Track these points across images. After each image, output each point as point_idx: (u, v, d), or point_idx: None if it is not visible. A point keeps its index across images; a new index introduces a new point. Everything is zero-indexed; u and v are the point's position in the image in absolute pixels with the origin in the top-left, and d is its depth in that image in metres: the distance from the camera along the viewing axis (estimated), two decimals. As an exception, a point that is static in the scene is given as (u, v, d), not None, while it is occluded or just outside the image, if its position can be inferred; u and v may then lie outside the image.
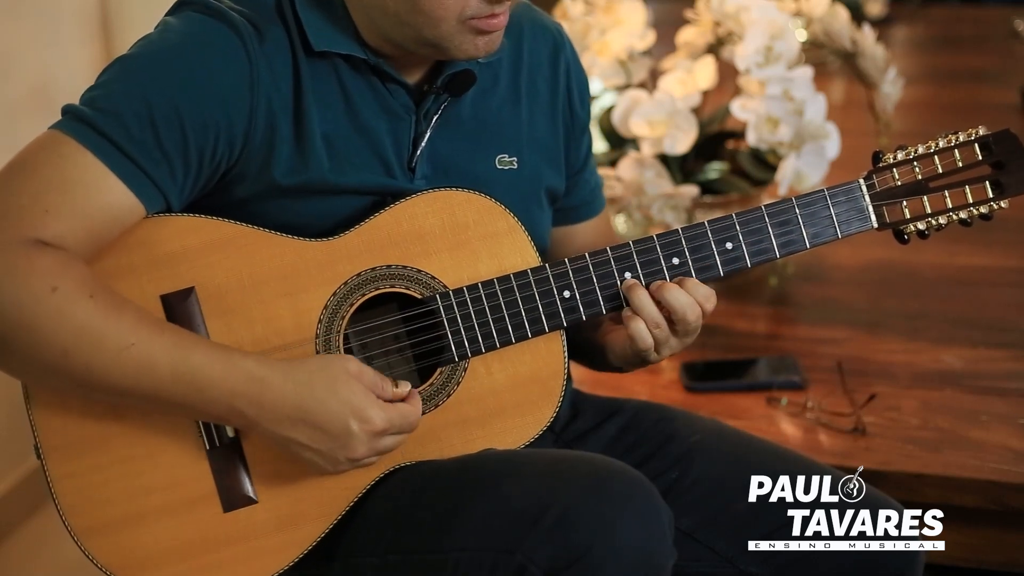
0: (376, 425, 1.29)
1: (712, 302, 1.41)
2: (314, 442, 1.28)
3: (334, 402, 1.27)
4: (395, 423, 1.30)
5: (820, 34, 2.54)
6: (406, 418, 1.31)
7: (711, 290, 1.41)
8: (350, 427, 1.28)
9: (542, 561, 1.23)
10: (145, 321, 1.25)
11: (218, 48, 1.31)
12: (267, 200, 1.36)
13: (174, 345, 1.25)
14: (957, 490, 1.79)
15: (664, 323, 1.39)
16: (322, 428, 1.28)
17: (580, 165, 1.59)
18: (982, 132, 1.44)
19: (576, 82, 1.55)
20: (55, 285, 1.21)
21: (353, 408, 1.28)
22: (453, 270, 1.39)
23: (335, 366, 1.29)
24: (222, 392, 1.26)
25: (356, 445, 1.29)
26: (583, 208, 1.61)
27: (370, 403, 1.29)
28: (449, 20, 1.30)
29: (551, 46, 1.53)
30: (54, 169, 1.25)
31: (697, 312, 1.39)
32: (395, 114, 1.40)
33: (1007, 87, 3.74)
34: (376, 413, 1.29)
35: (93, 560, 1.32)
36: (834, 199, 1.44)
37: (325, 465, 1.30)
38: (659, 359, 1.43)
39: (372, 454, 1.31)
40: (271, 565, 1.35)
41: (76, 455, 1.31)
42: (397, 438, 1.32)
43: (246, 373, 1.26)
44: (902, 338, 2.21)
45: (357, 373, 1.29)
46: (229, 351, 1.28)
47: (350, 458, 1.30)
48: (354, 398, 1.28)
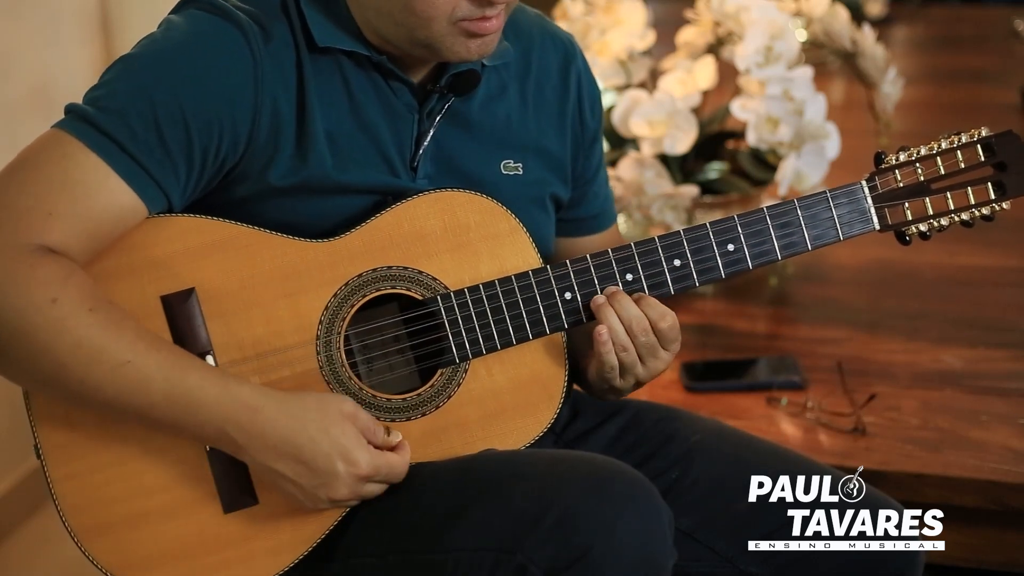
0: (362, 469, 1.29)
1: (667, 322, 1.39)
2: (298, 477, 1.28)
3: (324, 441, 1.27)
4: (381, 471, 1.31)
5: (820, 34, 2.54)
6: (393, 468, 1.32)
7: (668, 310, 1.40)
8: (336, 468, 1.28)
9: (542, 561, 1.23)
10: (143, 338, 1.25)
11: (222, 47, 1.30)
12: (267, 200, 1.36)
13: (171, 365, 1.25)
14: (957, 490, 1.79)
15: (631, 346, 1.38)
16: (308, 464, 1.28)
17: (589, 176, 1.58)
18: (984, 133, 1.44)
19: (587, 93, 1.54)
20: (55, 296, 1.21)
21: (342, 449, 1.28)
22: (454, 271, 1.39)
23: (331, 405, 1.29)
24: (214, 416, 1.26)
25: (339, 486, 1.29)
26: (591, 221, 1.60)
27: (359, 446, 1.29)
28: (440, 21, 1.30)
29: (562, 56, 1.52)
30: (57, 169, 1.25)
31: (645, 326, 1.38)
32: (398, 112, 1.40)
33: (1007, 87, 3.74)
34: (363, 457, 1.29)
35: (93, 560, 1.32)
36: (836, 201, 1.44)
37: (304, 500, 1.30)
38: (625, 386, 1.43)
39: (353, 497, 1.31)
40: (271, 566, 1.34)
41: (76, 455, 1.31)
42: (379, 486, 1.33)
43: (241, 400, 1.26)
44: (902, 338, 2.21)
45: (352, 415, 1.30)
46: (226, 376, 1.28)
47: (331, 498, 1.30)
48: (344, 439, 1.28)
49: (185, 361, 1.27)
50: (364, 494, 1.32)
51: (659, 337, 1.39)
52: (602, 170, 1.62)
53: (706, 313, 2.36)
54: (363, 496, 1.32)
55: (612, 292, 1.40)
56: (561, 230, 1.57)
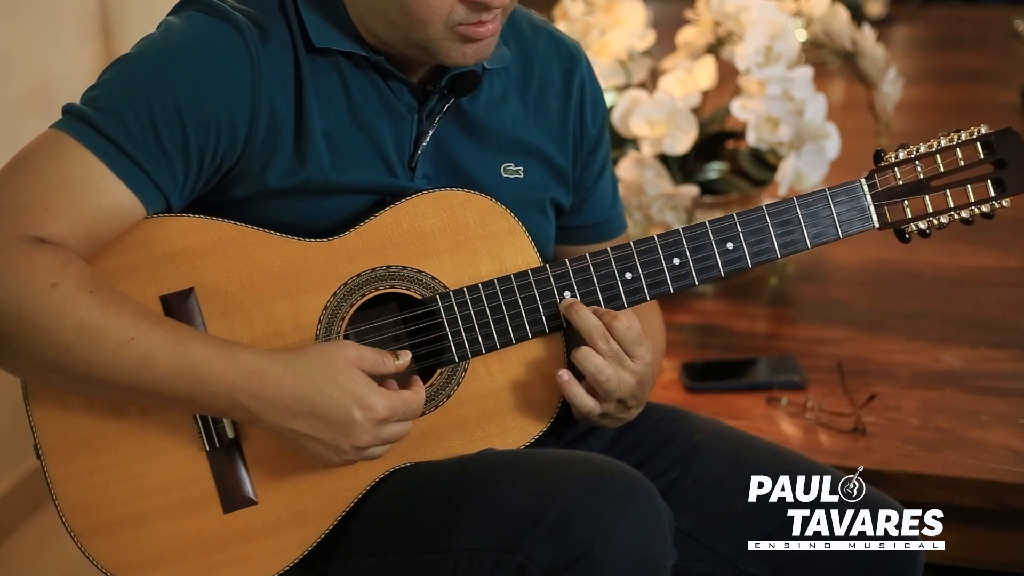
0: (378, 412, 1.28)
1: (622, 322, 1.38)
2: (317, 432, 1.28)
3: (336, 391, 1.27)
4: (398, 409, 1.30)
5: (820, 34, 2.54)
6: (409, 404, 1.31)
7: (622, 312, 1.39)
8: (352, 415, 1.28)
9: (542, 561, 1.23)
10: (144, 316, 1.25)
11: (221, 48, 1.30)
12: (266, 200, 1.36)
13: (173, 339, 1.25)
14: (957, 490, 1.78)
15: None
16: (324, 418, 1.27)
17: (590, 184, 1.57)
18: (984, 131, 1.44)
19: (590, 100, 1.54)
20: (55, 281, 1.21)
21: (355, 396, 1.27)
22: (453, 271, 1.39)
23: (334, 354, 1.29)
24: (222, 385, 1.25)
25: (360, 433, 1.28)
26: (593, 229, 1.59)
27: (372, 390, 1.29)
28: (436, 24, 1.30)
29: (566, 63, 1.52)
30: (54, 168, 1.25)
31: (603, 332, 1.37)
32: (397, 112, 1.40)
33: (1007, 87, 3.74)
34: (378, 400, 1.28)
35: (93, 561, 1.32)
36: (835, 199, 1.44)
37: (330, 455, 1.30)
38: (610, 409, 1.41)
39: (377, 442, 1.30)
40: (271, 566, 1.34)
41: (76, 456, 1.31)
42: (402, 426, 1.32)
43: (246, 366, 1.26)
44: (902, 338, 2.21)
45: (356, 358, 1.29)
46: (229, 344, 1.28)
47: (355, 446, 1.29)
48: (355, 386, 1.28)
49: (187, 334, 1.27)
50: (387, 436, 1.31)
51: (619, 342, 1.38)
52: (605, 179, 1.60)
53: (706, 313, 2.36)
54: (386, 439, 1.31)
55: (568, 303, 1.39)
56: (564, 237, 1.57)
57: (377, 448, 1.32)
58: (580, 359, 1.37)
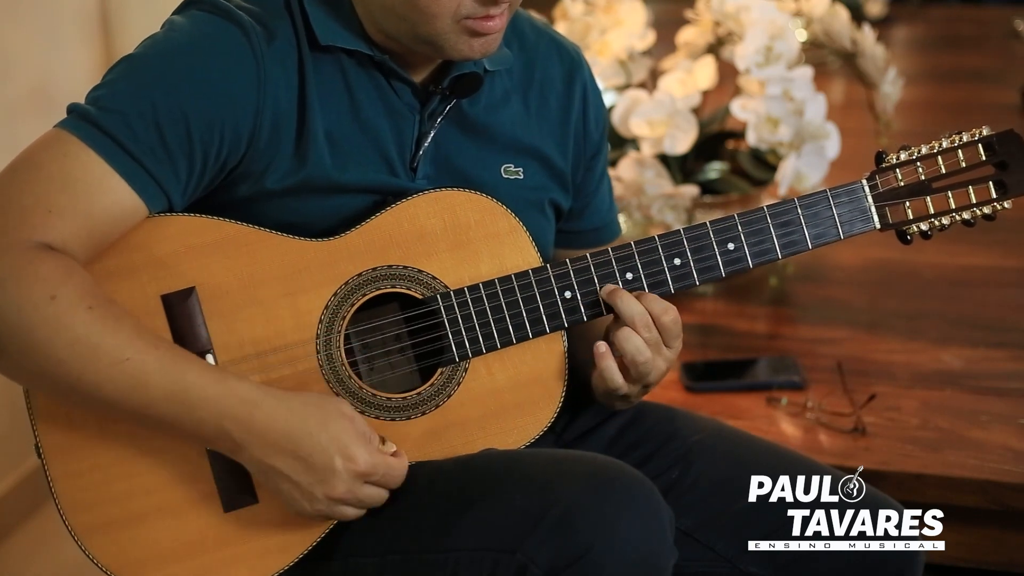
0: (360, 465, 1.28)
1: (670, 316, 1.39)
2: (295, 474, 1.27)
3: (323, 436, 1.27)
4: (379, 470, 1.29)
5: (820, 34, 2.54)
6: (391, 469, 1.30)
7: (669, 305, 1.40)
8: (334, 462, 1.27)
9: (543, 561, 1.23)
10: (142, 336, 1.25)
11: (225, 48, 1.30)
12: (268, 199, 1.36)
13: (169, 363, 1.25)
14: (957, 490, 1.78)
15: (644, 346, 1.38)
16: (306, 460, 1.27)
17: (591, 189, 1.57)
18: (986, 132, 1.44)
19: (592, 104, 1.54)
20: (54, 293, 1.21)
21: (340, 445, 1.27)
22: (454, 270, 1.39)
23: (330, 404, 1.29)
24: (213, 413, 1.25)
25: (336, 483, 1.27)
26: (593, 234, 1.59)
27: (358, 443, 1.28)
28: (444, 18, 1.30)
29: (567, 67, 1.52)
30: (58, 168, 1.25)
31: (647, 321, 1.38)
32: (399, 112, 1.40)
33: (1007, 87, 3.75)
34: (362, 453, 1.28)
35: (93, 560, 1.32)
36: (836, 200, 1.44)
37: (302, 501, 1.29)
38: (633, 392, 1.43)
39: (351, 497, 1.29)
40: (271, 565, 1.34)
41: (77, 454, 1.31)
42: (378, 490, 1.31)
43: (240, 395, 1.26)
44: (902, 338, 2.21)
45: (350, 416, 1.29)
46: (225, 373, 1.28)
47: (328, 496, 1.28)
48: (344, 435, 1.27)
49: (183, 359, 1.26)
50: (362, 496, 1.30)
51: (662, 332, 1.39)
52: (604, 184, 1.61)
53: (706, 313, 2.36)
54: (360, 498, 1.30)
55: (611, 290, 1.40)
56: (564, 241, 1.57)
57: (348, 508, 1.30)
58: (622, 339, 1.38)
